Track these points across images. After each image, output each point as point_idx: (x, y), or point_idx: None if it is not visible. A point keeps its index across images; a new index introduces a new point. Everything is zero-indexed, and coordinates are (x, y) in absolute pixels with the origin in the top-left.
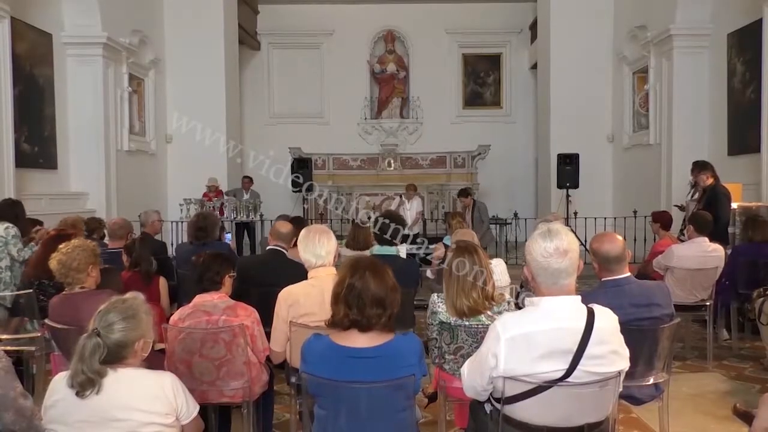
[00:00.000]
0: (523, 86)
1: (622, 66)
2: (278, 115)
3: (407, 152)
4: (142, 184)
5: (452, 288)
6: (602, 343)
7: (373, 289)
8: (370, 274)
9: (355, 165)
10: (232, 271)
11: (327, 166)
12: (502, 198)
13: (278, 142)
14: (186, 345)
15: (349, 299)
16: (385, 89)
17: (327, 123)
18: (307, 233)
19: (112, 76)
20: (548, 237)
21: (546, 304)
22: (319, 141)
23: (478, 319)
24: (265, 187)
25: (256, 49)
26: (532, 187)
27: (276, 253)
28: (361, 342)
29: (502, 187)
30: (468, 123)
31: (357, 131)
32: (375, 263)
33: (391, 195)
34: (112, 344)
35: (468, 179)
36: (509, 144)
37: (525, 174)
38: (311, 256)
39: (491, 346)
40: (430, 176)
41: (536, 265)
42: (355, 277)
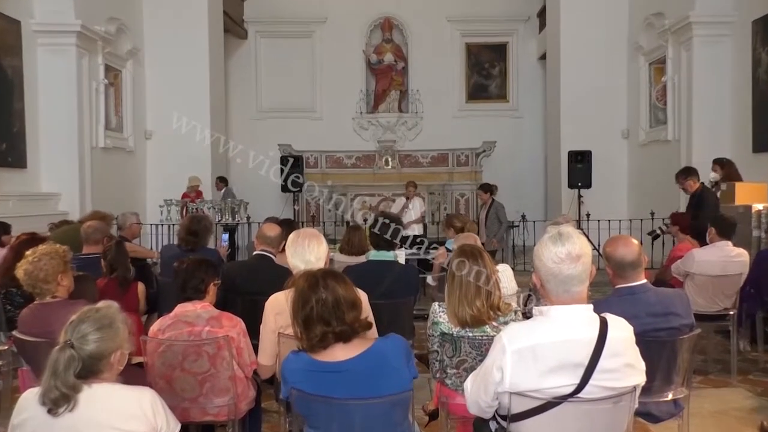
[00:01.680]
0: (530, 78)
1: (637, 56)
2: (266, 110)
3: (406, 149)
4: (119, 184)
5: (454, 296)
6: (616, 355)
7: (341, 293)
8: (332, 281)
9: (350, 163)
10: (217, 279)
11: (319, 164)
12: (509, 199)
13: (267, 138)
14: (166, 358)
15: (324, 315)
16: (382, 81)
17: (319, 118)
18: (295, 237)
19: (87, 68)
20: (559, 241)
21: (556, 314)
22: (311, 137)
23: (482, 330)
24: (252, 187)
25: (242, 38)
26: (541, 187)
27: (263, 259)
28: (341, 354)
29: (509, 186)
30: (471, 118)
31: (352, 127)
32: (327, 270)
33: (389, 195)
34: (87, 356)
35: (472, 178)
36: (516, 140)
37: (533, 173)
38: (300, 261)
39: (496, 358)
40: (430, 175)
41: (546, 272)
42: (319, 291)
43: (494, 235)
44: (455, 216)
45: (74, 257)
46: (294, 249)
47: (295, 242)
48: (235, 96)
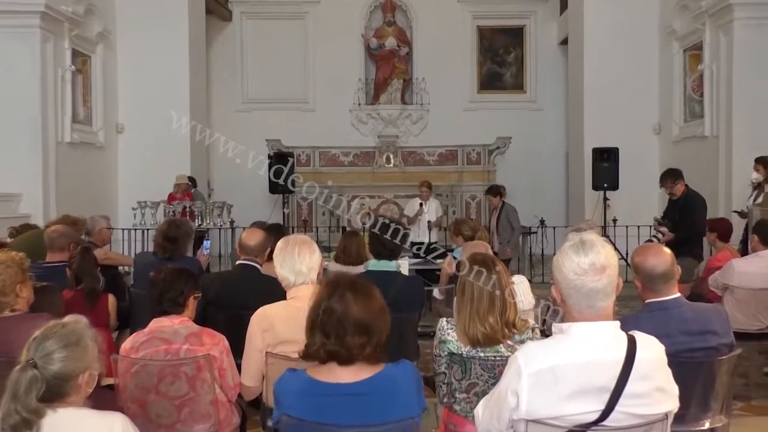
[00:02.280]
0: (550, 66)
1: (670, 42)
2: (253, 100)
3: (410, 145)
4: (87, 183)
5: (465, 311)
6: (645, 378)
7: (355, 313)
8: (351, 295)
9: (347, 161)
10: (198, 291)
11: (312, 161)
12: (526, 202)
13: (253, 132)
14: (140, 380)
15: (326, 326)
16: (384, 69)
17: (312, 109)
18: (284, 245)
19: (52, 53)
20: (581, 250)
21: (578, 332)
22: (303, 131)
23: (495, 350)
24: (236, 187)
25: (226, 19)
26: (561, 189)
27: (247, 269)
28: (345, 376)
29: (526, 188)
30: (484, 110)
31: (349, 120)
32: (357, 281)
33: (391, 197)
34: (52, 377)
35: (484, 178)
36: (534, 136)
37: (553, 172)
38: (290, 272)
39: (511, 382)
40: (437, 174)
41: (567, 285)
42: (333, 298)
43: (507, 242)
44: (464, 221)
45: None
46: (282, 258)
47: (284, 250)
48: (218, 85)
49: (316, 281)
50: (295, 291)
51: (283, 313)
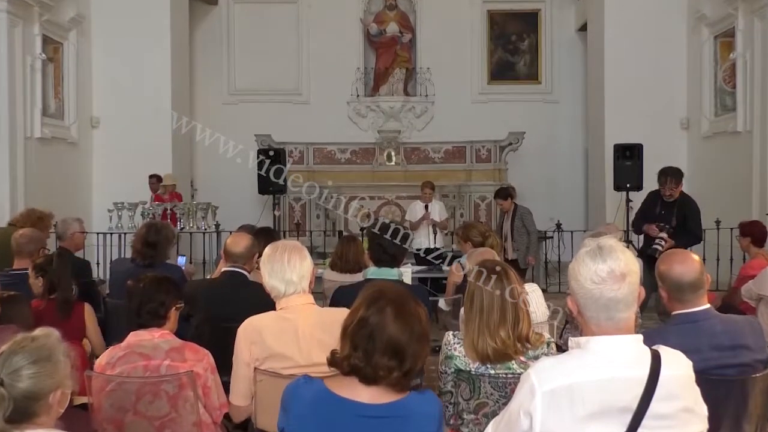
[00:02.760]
0: (568, 54)
1: (700, 28)
2: (241, 92)
3: (413, 141)
4: (59, 182)
5: (473, 324)
6: (671, 398)
7: (390, 332)
8: (392, 311)
9: (344, 158)
10: (180, 302)
11: (306, 159)
12: (541, 203)
13: (241, 127)
14: (117, 399)
15: (356, 337)
16: (385, 57)
17: (306, 102)
18: (272, 252)
19: (20, 39)
20: (599, 256)
21: (596, 346)
22: (296, 126)
23: (507, 366)
24: (222, 187)
25: (212, 3)
26: (580, 189)
27: (234, 277)
28: (364, 395)
29: (541, 188)
30: (495, 103)
31: (346, 113)
32: (404, 297)
33: (392, 199)
34: (20, 396)
35: (495, 177)
36: (550, 131)
37: (571, 171)
38: (279, 282)
39: (524, 401)
40: (444, 173)
41: (584, 294)
42: (371, 309)
43: (526, 248)
44: (474, 225)
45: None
46: (271, 266)
47: (272, 258)
48: (203, 75)
49: (308, 290)
50: (286, 301)
51: (273, 324)
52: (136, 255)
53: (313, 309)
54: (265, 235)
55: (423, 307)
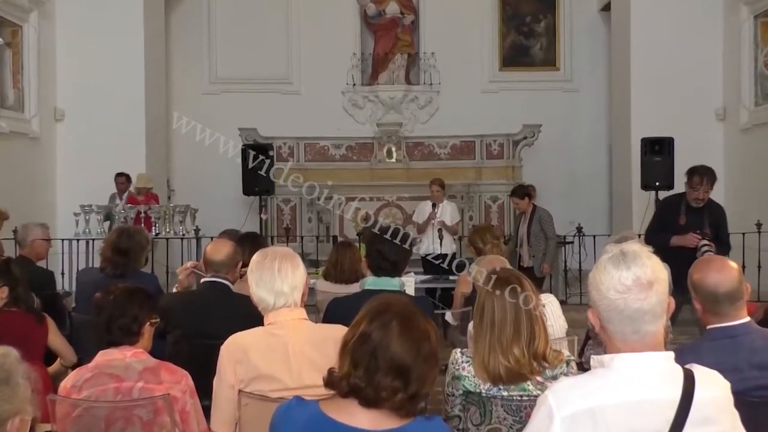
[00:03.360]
0: (589, 37)
1: (738, 7)
2: (223, 80)
3: (416, 135)
4: (18, 182)
5: (484, 340)
6: (707, 422)
7: (395, 349)
8: (397, 326)
9: (339, 154)
10: (155, 316)
11: (296, 155)
12: (559, 205)
13: (223, 119)
14: (84, 426)
15: (357, 354)
16: (384, 41)
17: (296, 92)
18: (261, 259)
19: None
20: (623, 263)
21: (622, 365)
22: (285, 119)
23: (521, 388)
24: (202, 187)
25: None
26: (603, 189)
27: (216, 288)
28: (364, 420)
29: (559, 188)
30: (507, 92)
31: (341, 104)
32: (412, 312)
33: (392, 200)
34: None
35: (508, 175)
36: (569, 123)
37: (593, 168)
38: (268, 293)
39: (541, 427)
40: (450, 171)
41: (606, 306)
42: (375, 323)
43: (543, 255)
44: (484, 229)
45: None
46: (259, 275)
47: (261, 266)
48: (181, 62)
49: (300, 303)
50: (275, 315)
51: (260, 341)
52: (106, 264)
53: (305, 325)
54: (250, 241)
55: (432, 324)
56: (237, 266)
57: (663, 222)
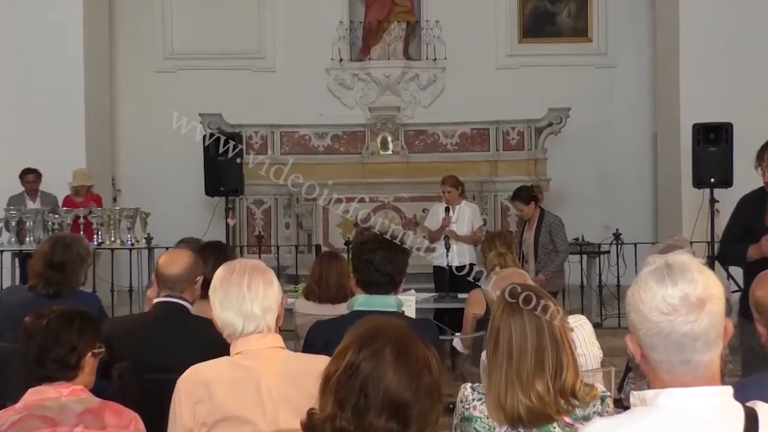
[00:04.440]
0: (627, 2)
1: None
2: (181, 56)
3: (417, 122)
4: None
5: (500, 373)
6: None
7: (390, 383)
8: (392, 354)
9: (322, 146)
10: (98, 345)
11: (271, 146)
12: (593, 205)
13: (180, 103)
14: None
15: (342, 391)
16: (377, 8)
17: (270, 69)
18: (227, 274)
19: None
20: (668, 278)
21: (668, 402)
22: (257, 102)
23: (546, 431)
24: (156, 187)
25: None
26: (646, 186)
27: (171, 310)
28: None
29: (592, 185)
30: (528, 68)
31: (325, 83)
32: (408, 337)
33: (389, 201)
34: None
35: (529, 171)
36: (604, 106)
37: (634, 161)
38: (235, 315)
39: None
40: (459, 166)
41: (648, 330)
42: (364, 352)
43: (543, 267)
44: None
45: None
46: (225, 293)
47: (227, 282)
48: (128, 34)
49: (274, 328)
50: (244, 343)
51: (225, 375)
52: (37, 281)
53: (281, 355)
54: (214, 252)
55: (433, 351)
56: (197, 283)
57: (744, 226)
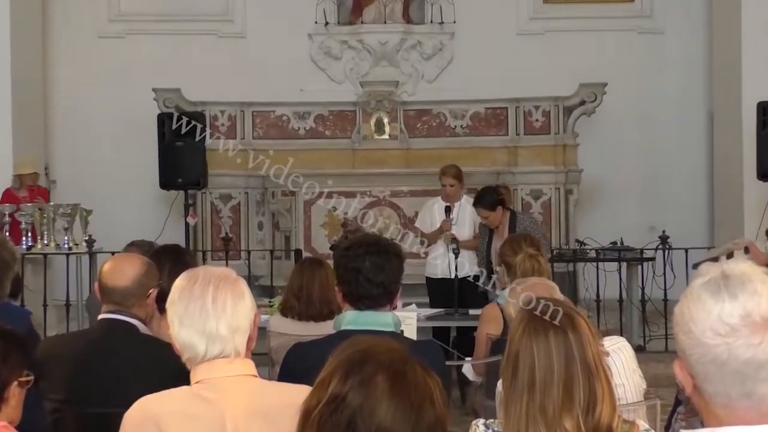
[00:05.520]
0: None
1: None
2: (129, 17)
3: (420, 100)
4: None
5: (519, 406)
6: None
7: (381, 417)
8: (385, 382)
9: (304, 128)
10: (27, 373)
11: (241, 129)
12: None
13: (129, 75)
14: None
15: (326, 427)
16: None
17: (240, 34)
18: (186, 284)
19: None
20: (725, 291)
21: None
22: (224, 75)
23: None
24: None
25: None
26: (701, 178)
27: (116, 329)
28: None
29: (634, 177)
30: (556, 34)
31: (308, 53)
32: (403, 362)
33: (384, 196)
34: None
35: (557, 159)
36: (649, 81)
37: (685, 148)
38: (196, 335)
39: None
40: (471, 153)
41: (702, 355)
42: (350, 380)
43: None
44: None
45: None
46: (184, 308)
47: (187, 294)
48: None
49: (244, 352)
50: (207, 370)
51: (182, 410)
52: None
53: (252, 385)
54: (170, 258)
55: (436, 378)
56: (150, 296)
57: None
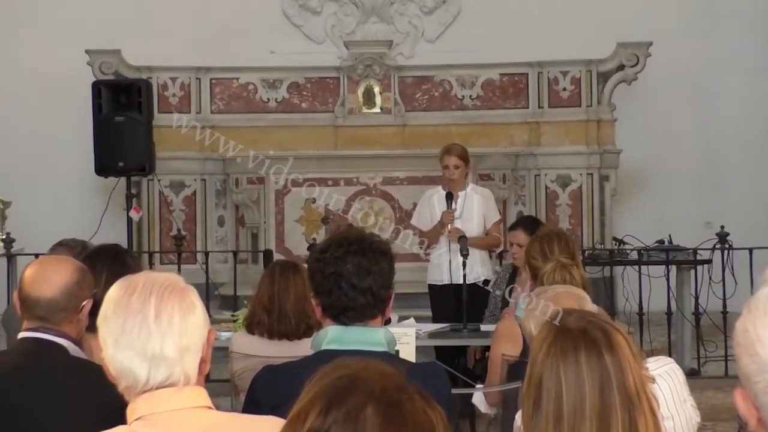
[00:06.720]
0: None
1: None
2: None
3: (418, 65)
4: None
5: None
6: None
7: None
8: (375, 415)
9: (275, 100)
10: None
11: (196, 101)
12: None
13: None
14: None
15: None
16: None
17: None
18: (125, 295)
19: None
20: None
21: None
22: (176, 33)
23: None
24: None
25: None
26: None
27: (38, 351)
28: None
29: (686, 163)
30: None
31: (279, 7)
32: (397, 390)
33: (375, 184)
34: None
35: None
36: (703, 42)
37: (748, 126)
38: (136, 358)
39: None
40: (482, 130)
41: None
42: (333, 413)
43: None
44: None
45: None
46: (120, 325)
47: (124, 307)
48: None
49: (196, 378)
50: (150, 402)
51: None
52: None
53: (207, 419)
54: (109, 261)
55: (439, 410)
56: (84, 309)
57: None
